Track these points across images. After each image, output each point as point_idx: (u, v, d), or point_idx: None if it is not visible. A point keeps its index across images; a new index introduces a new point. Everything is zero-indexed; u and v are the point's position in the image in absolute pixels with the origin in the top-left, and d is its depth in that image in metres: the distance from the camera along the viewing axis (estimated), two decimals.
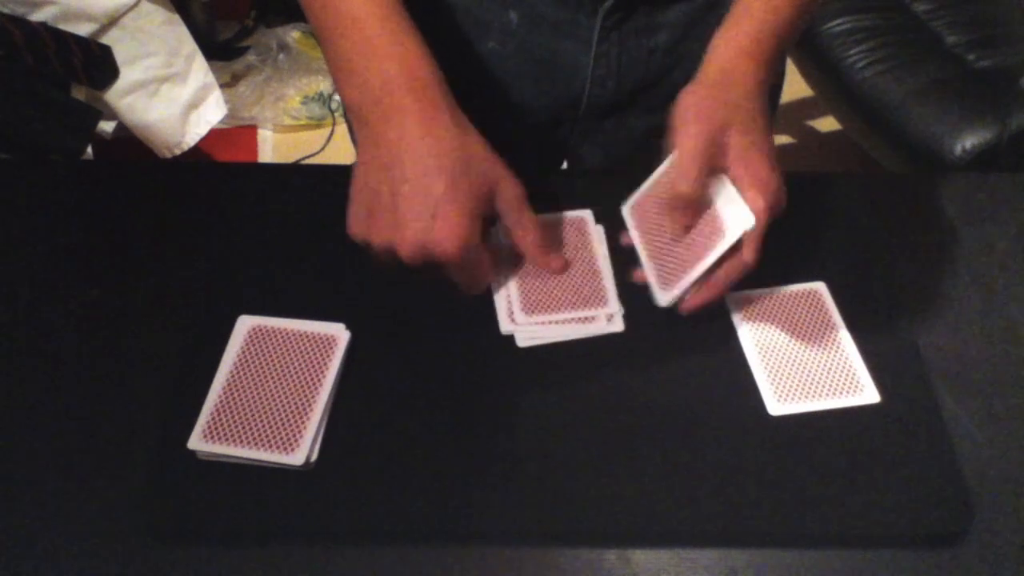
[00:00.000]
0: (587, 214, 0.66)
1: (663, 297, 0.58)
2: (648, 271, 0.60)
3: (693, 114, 0.56)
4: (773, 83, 0.61)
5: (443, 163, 0.52)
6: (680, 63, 0.71)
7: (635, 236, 0.61)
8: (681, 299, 0.58)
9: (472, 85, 0.66)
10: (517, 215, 0.57)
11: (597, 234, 0.65)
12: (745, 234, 0.54)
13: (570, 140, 0.77)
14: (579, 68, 0.69)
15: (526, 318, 0.60)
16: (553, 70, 0.70)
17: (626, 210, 0.63)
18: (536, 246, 0.59)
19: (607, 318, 0.61)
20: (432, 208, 0.51)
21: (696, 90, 0.57)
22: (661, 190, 0.60)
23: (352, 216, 0.55)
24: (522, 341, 0.60)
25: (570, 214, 0.66)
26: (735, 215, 0.54)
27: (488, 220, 0.56)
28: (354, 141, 0.86)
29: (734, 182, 0.55)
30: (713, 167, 0.56)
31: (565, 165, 0.85)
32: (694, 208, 0.56)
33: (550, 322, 0.60)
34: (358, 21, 0.54)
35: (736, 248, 0.55)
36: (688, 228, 0.57)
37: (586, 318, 0.60)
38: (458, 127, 0.53)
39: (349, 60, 0.55)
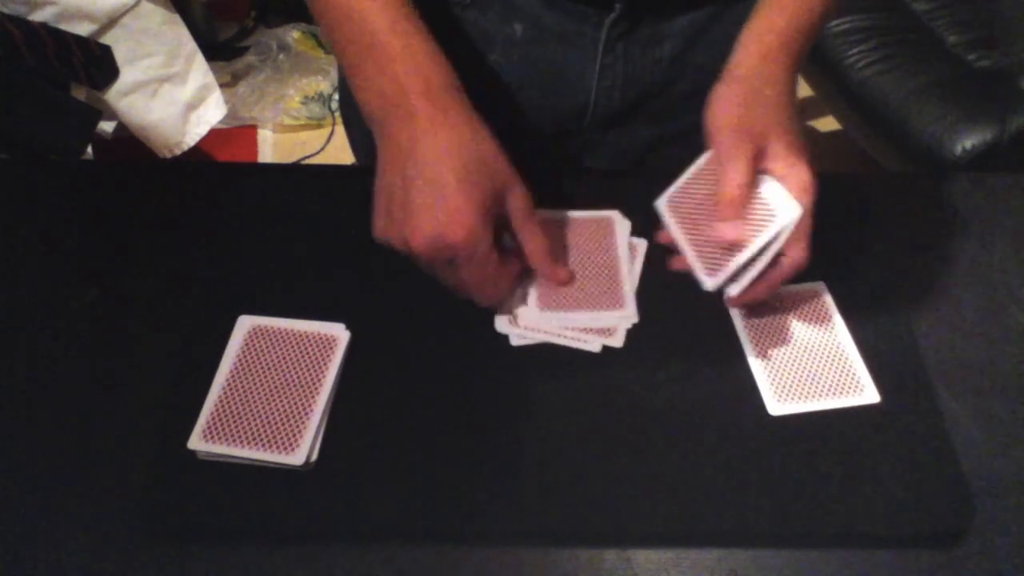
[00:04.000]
0: (615, 215, 0.66)
1: (710, 281, 0.57)
2: (691, 258, 0.59)
3: (732, 116, 0.55)
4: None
5: (454, 159, 0.52)
6: (685, 74, 0.70)
7: (674, 228, 0.60)
8: (726, 284, 0.57)
9: (476, 97, 0.66)
10: (524, 223, 0.57)
11: (623, 236, 0.65)
12: (792, 232, 0.54)
13: (575, 151, 0.76)
14: (584, 79, 0.69)
15: (539, 313, 0.60)
16: (558, 82, 0.69)
17: (662, 205, 0.62)
18: (542, 256, 0.59)
19: (608, 331, 0.60)
20: (443, 199, 0.51)
21: (732, 88, 0.56)
22: (701, 185, 0.59)
23: (374, 218, 0.55)
24: (516, 340, 0.60)
25: (596, 213, 0.66)
26: (783, 205, 0.54)
27: (501, 229, 0.56)
28: (354, 149, 0.86)
29: (779, 182, 0.55)
30: (757, 168, 0.55)
31: None
32: (740, 213, 0.55)
33: (562, 322, 0.60)
34: (367, 26, 0.54)
35: (781, 249, 0.55)
36: (736, 238, 0.56)
37: (599, 321, 0.60)
38: (470, 128, 0.54)
39: (362, 66, 0.55)
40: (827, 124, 1.92)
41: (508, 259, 0.59)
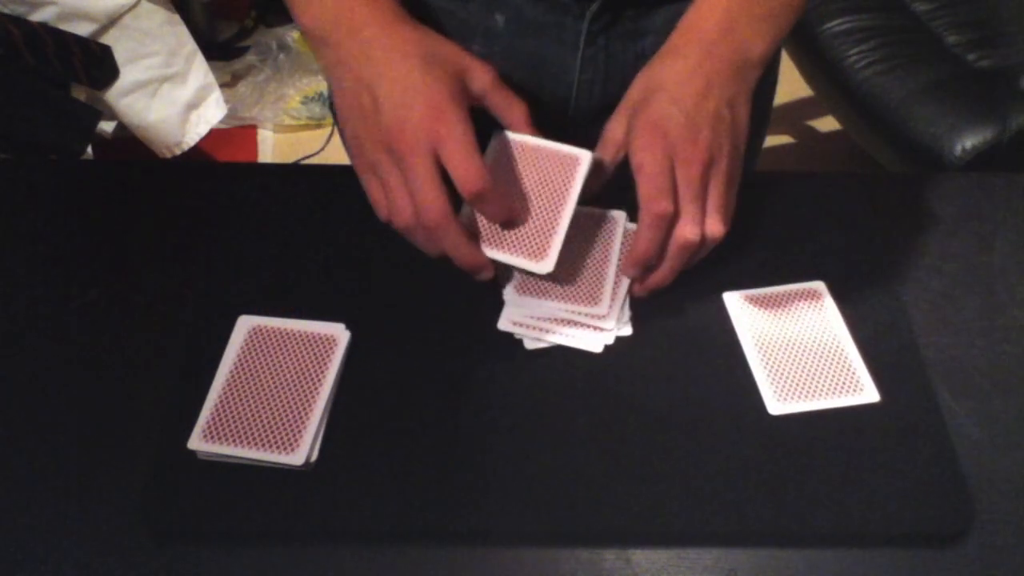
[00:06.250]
0: (621, 215, 0.65)
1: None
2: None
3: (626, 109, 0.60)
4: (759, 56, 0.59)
5: (409, 54, 0.54)
6: None
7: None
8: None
9: None
10: (496, 93, 0.58)
11: (620, 236, 0.64)
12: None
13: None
14: (566, 72, 0.69)
15: (516, 297, 0.61)
16: (539, 74, 0.69)
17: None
18: (525, 119, 0.60)
19: (596, 318, 0.60)
20: (413, 91, 0.53)
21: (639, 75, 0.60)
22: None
23: (352, 151, 0.56)
24: (529, 343, 0.60)
25: (601, 211, 0.66)
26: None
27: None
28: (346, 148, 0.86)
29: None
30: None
31: None
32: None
33: (540, 313, 0.60)
34: None
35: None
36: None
37: (575, 314, 0.60)
38: (417, 29, 0.56)
39: None
40: (827, 124, 1.92)
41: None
